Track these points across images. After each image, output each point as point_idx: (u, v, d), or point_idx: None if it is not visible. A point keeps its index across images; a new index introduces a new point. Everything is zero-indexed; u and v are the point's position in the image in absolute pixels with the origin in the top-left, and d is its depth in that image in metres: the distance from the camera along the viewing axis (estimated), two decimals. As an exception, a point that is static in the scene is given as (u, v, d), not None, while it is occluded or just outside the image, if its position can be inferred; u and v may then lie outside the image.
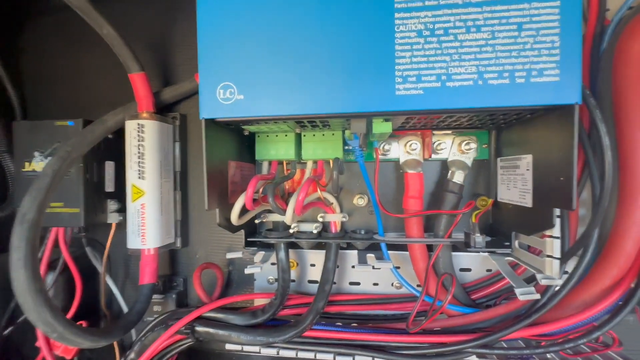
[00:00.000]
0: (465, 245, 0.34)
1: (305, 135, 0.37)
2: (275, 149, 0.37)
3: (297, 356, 0.34)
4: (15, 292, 0.28)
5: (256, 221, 0.38)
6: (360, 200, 0.40)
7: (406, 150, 0.37)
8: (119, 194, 0.44)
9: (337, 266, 0.39)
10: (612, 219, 0.29)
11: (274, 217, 0.38)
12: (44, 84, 0.47)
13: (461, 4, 0.24)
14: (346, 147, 0.37)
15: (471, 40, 0.24)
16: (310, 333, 0.35)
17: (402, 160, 0.37)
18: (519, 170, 0.32)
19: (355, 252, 0.39)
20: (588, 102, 0.26)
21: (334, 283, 0.38)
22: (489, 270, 0.39)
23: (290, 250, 0.39)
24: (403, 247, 0.38)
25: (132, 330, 0.40)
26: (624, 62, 0.28)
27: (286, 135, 0.36)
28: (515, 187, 0.32)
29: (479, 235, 0.32)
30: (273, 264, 0.40)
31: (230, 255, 0.38)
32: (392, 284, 0.40)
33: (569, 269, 0.30)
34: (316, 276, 0.41)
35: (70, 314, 0.40)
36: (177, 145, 0.43)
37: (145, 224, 0.38)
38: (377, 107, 0.25)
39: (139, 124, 0.37)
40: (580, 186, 0.32)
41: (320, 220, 0.38)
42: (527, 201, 0.30)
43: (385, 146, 0.37)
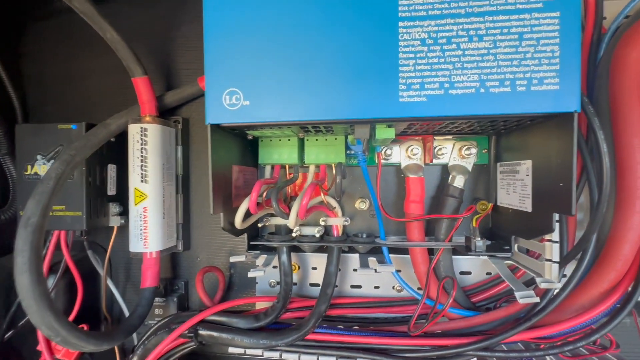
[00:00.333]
0: (465, 249, 0.34)
1: (308, 140, 0.37)
2: (278, 154, 0.37)
3: (300, 359, 0.34)
4: (20, 296, 0.28)
5: (259, 225, 0.38)
6: (362, 204, 0.41)
7: (407, 155, 0.38)
8: (121, 197, 0.44)
9: (339, 269, 0.39)
10: (610, 224, 0.30)
11: (276, 221, 0.38)
12: (46, 87, 0.47)
13: (464, 13, 0.24)
14: (348, 152, 0.38)
15: (473, 49, 0.24)
16: (313, 336, 0.35)
17: (404, 164, 0.38)
18: (518, 175, 0.32)
19: (356, 256, 0.40)
20: (586, 110, 0.26)
21: (336, 286, 0.38)
22: (489, 274, 0.39)
23: (292, 254, 0.39)
24: (404, 251, 0.38)
25: (134, 334, 0.40)
26: (620, 70, 0.29)
27: (289, 140, 0.37)
28: (515, 192, 0.33)
29: (479, 239, 0.33)
30: (275, 267, 0.40)
31: (234, 258, 0.38)
32: (394, 287, 0.41)
33: (568, 272, 0.31)
34: (318, 279, 0.41)
35: (71, 317, 0.40)
36: (180, 148, 0.43)
37: (148, 227, 0.38)
38: (381, 114, 0.25)
39: (141, 128, 0.37)
40: (579, 191, 0.33)
41: (322, 223, 0.38)
42: (527, 206, 0.31)
43: (387, 151, 0.38)
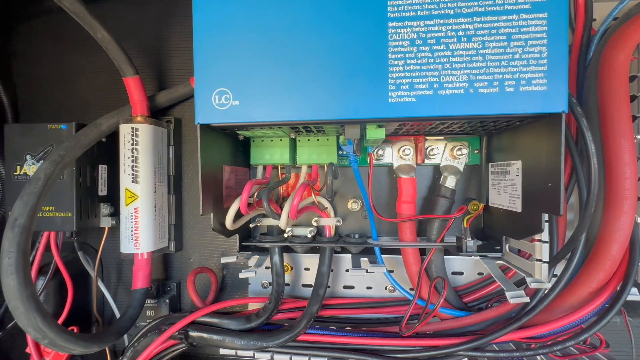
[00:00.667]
0: (457, 249, 0.34)
1: (300, 140, 0.37)
2: (270, 154, 0.37)
3: (291, 360, 0.34)
4: (6, 298, 0.28)
5: (250, 225, 0.38)
6: (354, 205, 0.41)
7: (399, 156, 0.38)
8: (112, 197, 0.44)
9: (331, 270, 0.39)
10: (599, 224, 0.30)
11: (268, 222, 0.38)
12: (36, 86, 0.47)
13: (452, 14, 0.24)
14: (340, 152, 0.38)
15: (462, 49, 0.24)
16: (304, 337, 0.35)
17: (396, 165, 0.38)
18: (509, 175, 0.32)
19: (349, 256, 0.40)
20: (575, 111, 0.26)
21: (328, 287, 0.38)
22: (480, 274, 0.39)
23: (284, 255, 0.39)
24: (396, 251, 0.38)
25: (125, 336, 0.40)
26: (608, 72, 0.29)
27: (281, 140, 0.37)
28: (506, 192, 0.33)
29: (470, 239, 0.33)
30: (267, 268, 0.40)
31: (225, 259, 0.38)
32: (386, 288, 0.41)
33: (558, 272, 0.31)
34: (310, 280, 0.41)
35: (61, 320, 0.40)
36: (172, 149, 0.43)
37: (139, 228, 0.37)
38: (371, 114, 0.25)
39: (133, 128, 0.37)
40: (568, 192, 0.33)
41: (314, 224, 0.38)
42: (517, 206, 0.31)
43: (379, 151, 0.38)
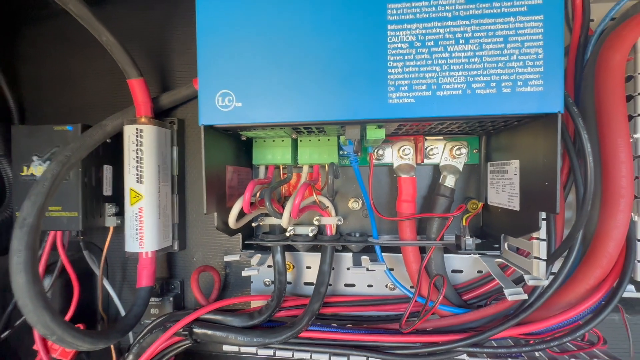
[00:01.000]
0: (456, 247, 0.35)
1: (301, 141, 0.38)
2: (272, 154, 0.38)
3: (294, 357, 0.35)
4: (15, 295, 0.29)
5: (253, 224, 0.38)
6: (355, 204, 0.41)
7: (399, 155, 0.38)
8: (117, 197, 0.44)
9: (333, 268, 0.40)
10: (596, 222, 0.30)
11: (270, 221, 0.39)
12: (42, 88, 0.48)
13: (450, 16, 0.25)
14: (341, 152, 0.38)
15: (460, 51, 0.25)
16: (306, 334, 0.35)
17: (396, 164, 0.38)
18: (507, 174, 0.33)
19: (350, 255, 0.40)
20: (571, 111, 0.27)
21: (330, 285, 0.38)
22: (480, 272, 0.40)
23: (286, 253, 0.40)
24: (397, 250, 0.39)
25: (130, 333, 0.40)
26: (605, 72, 0.29)
27: (282, 141, 0.37)
28: (504, 191, 0.33)
29: (469, 237, 0.33)
30: (269, 266, 0.40)
31: (228, 258, 0.38)
32: (386, 286, 0.41)
33: (556, 270, 0.31)
34: (312, 278, 0.42)
35: (67, 317, 0.40)
36: (175, 149, 0.43)
37: (143, 227, 0.38)
38: (371, 115, 0.26)
39: (137, 129, 0.38)
40: (567, 190, 0.34)
41: (316, 223, 0.39)
42: (515, 205, 0.31)
43: (379, 151, 0.38)
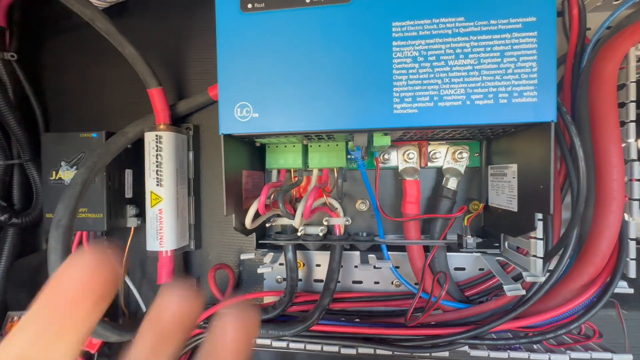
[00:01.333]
0: (458, 246, 0.37)
1: (311, 146, 0.40)
2: (284, 159, 0.40)
3: (306, 348, 0.37)
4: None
5: (266, 225, 0.41)
6: (362, 205, 0.44)
7: (404, 159, 0.40)
8: (137, 199, 0.47)
9: (341, 266, 0.42)
10: (590, 222, 0.32)
11: (282, 221, 0.41)
12: (64, 97, 0.50)
13: (451, 33, 0.27)
14: (349, 157, 0.40)
15: (460, 65, 0.27)
16: (317, 327, 0.38)
17: (401, 168, 0.40)
18: (506, 177, 0.35)
19: (357, 253, 0.42)
20: (564, 119, 0.29)
21: (339, 282, 0.40)
22: (481, 270, 0.42)
23: (297, 252, 0.42)
24: (402, 248, 0.41)
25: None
26: (598, 81, 0.31)
27: (294, 146, 0.39)
28: (503, 193, 0.35)
29: (470, 236, 0.35)
30: (281, 264, 0.43)
31: (244, 256, 0.41)
32: (392, 283, 0.43)
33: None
34: (322, 275, 0.44)
35: (93, 312, 0.43)
36: (191, 153, 0.46)
37: (163, 227, 0.41)
38: (377, 124, 0.28)
39: (157, 135, 0.40)
40: (564, 193, 0.36)
41: (325, 223, 0.41)
42: (513, 206, 0.33)
43: (385, 155, 0.41)
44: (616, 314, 0.40)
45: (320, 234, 0.40)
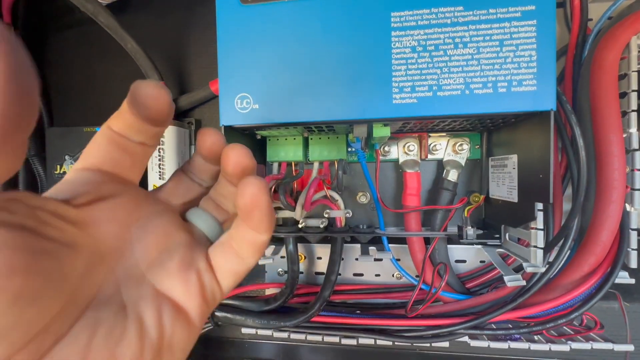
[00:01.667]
0: (458, 238, 0.37)
1: (312, 139, 0.40)
2: (285, 151, 0.40)
3: (307, 339, 0.37)
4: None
5: (267, 217, 0.41)
6: (362, 198, 0.44)
7: (405, 151, 0.40)
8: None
9: (342, 258, 0.42)
10: (591, 213, 0.32)
11: (283, 214, 0.41)
12: (68, 93, 0.51)
13: (450, 23, 0.27)
14: (349, 149, 0.41)
15: (459, 55, 0.27)
16: (318, 319, 0.38)
17: (401, 160, 0.40)
18: (506, 168, 0.35)
19: (358, 246, 0.43)
20: (565, 108, 0.29)
21: (339, 274, 0.41)
22: (482, 262, 0.42)
23: (298, 244, 0.42)
24: (402, 240, 0.41)
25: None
26: (599, 71, 0.31)
27: (294, 139, 0.40)
28: (504, 184, 0.35)
29: (470, 228, 0.36)
30: (282, 257, 0.43)
31: (245, 248, 0.41)
32: (393, 275, 0.43)
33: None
34: (323, 268, 0.44)
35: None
36: (193, 147, 0.46)
37: (166, 220, 0.41)
38: (377, 114, 0.28)
39: (159, 130, 0.41)
40: (565, 183, 0.36)
41: (326, 216, 0.41)
42: (514, 197, 0.33)
43: (386, 148, 0.41)
44: (618, 306, 0.40)
45: (321, 227, 0.40)
